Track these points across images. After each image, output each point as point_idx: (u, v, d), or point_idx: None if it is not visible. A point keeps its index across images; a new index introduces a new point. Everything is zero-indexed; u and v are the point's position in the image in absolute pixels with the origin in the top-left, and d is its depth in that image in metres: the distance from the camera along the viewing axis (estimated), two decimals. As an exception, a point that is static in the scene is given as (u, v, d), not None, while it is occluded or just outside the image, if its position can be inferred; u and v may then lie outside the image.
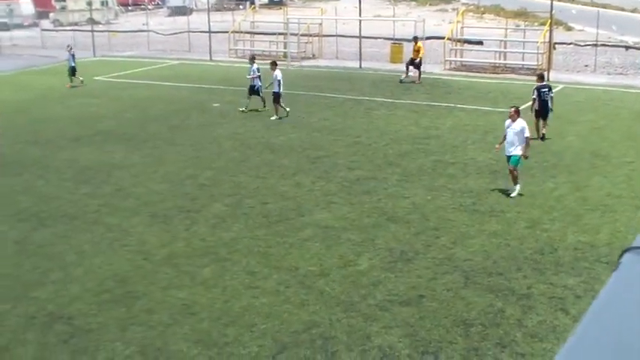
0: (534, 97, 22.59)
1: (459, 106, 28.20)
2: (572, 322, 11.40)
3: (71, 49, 34.40)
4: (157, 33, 54.66)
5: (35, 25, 67.00)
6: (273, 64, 26.66)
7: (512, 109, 17.54)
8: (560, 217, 16.05)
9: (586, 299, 12.17)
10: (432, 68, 37.44)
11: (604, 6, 65.84)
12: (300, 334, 11.29)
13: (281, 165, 20.64)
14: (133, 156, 22.10)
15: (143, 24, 58.10)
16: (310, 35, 43.22)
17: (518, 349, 10.74)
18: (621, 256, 2.19)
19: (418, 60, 33.53)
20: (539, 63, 35.81)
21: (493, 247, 14.46)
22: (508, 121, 17.46)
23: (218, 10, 65.88)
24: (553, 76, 34.07)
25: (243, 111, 27.35)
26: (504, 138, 17.44)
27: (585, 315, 1.98)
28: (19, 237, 15.76)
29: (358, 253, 14.28)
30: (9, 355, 10.99)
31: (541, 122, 22.47)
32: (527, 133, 17.26)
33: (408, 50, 39.48)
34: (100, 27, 58.36)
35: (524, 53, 38.22)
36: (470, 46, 41.29)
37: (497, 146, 18.19)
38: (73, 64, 34.38)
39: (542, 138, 22.21)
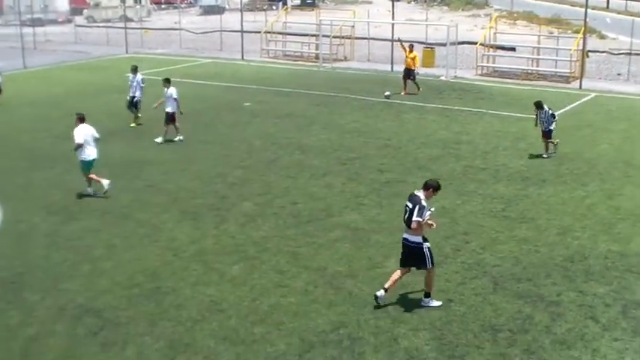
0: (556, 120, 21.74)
1: (490, 111, 28.06)
2: (601, 331, 11.33)
3: None
4: (189, 31, 54.99)
5: (69, 21, 67.76)
6: (167, 81, 23.72)
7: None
8: (592, 225, 15.93)
9: (616, 308, 12.09)
10: (463, 73, 37.36)
11: (639, 14, 65.25)
12: (327, 334, 11.30)
13: (311, 165, 20.66)
14: (163, 153, 22.25)
15: (175, 22, 58.48)
16: (342, 37, 43.27)
17: (546, 356, 10.67)
18: None
19: (415, 69, 32.14)
20: (572, 70, 35.58)
21: (523, 254, 14.38)
22: None
23: (250, 10, 66.10)
24: (586, 84, 33.85)
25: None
26: None
27: None
28: (49, 230, 15.94)
29: (387, 256, 14.26)
30: (38, 345, 11.10)
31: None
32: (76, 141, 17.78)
33: (440, 55, 39.47)
34: (133, 24, 58.79)
35: (557, 60, 37.96)
36: (502, 52, 41.11)
37: None
38: None
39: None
